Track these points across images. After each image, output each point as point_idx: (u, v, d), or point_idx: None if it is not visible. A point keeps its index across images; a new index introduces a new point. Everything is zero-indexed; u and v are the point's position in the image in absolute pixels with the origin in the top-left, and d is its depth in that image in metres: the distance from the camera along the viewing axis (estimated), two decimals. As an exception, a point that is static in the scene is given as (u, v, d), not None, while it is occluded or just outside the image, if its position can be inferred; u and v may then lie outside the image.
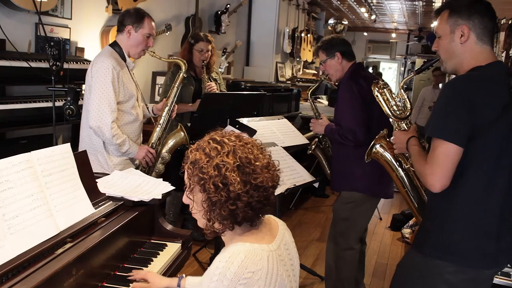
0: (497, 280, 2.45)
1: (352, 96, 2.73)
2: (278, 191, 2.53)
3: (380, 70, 13.68)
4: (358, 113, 2.70)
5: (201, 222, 1.32)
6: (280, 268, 1.24)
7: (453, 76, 1.84)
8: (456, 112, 1.60)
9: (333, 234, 2.96)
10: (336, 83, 2.98)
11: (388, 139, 2.21)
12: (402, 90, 2.10)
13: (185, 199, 1.33)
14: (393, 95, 2.15)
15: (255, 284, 1.16)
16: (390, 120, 2.13)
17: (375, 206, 2.99)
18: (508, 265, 2.50)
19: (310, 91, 3.21)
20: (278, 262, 1.24)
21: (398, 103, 2.12)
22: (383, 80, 2.30)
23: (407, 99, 2.09)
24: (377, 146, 2.22)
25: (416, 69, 2.11)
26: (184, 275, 1.68)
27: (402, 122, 2.03)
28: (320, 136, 3.17)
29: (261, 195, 1.24)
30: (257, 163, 1.25)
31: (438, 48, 1.80)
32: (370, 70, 12.49)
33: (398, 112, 2.08)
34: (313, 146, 3.20)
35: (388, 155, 2.19)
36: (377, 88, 2.17)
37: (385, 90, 2.16)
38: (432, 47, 1.86)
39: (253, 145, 1.30)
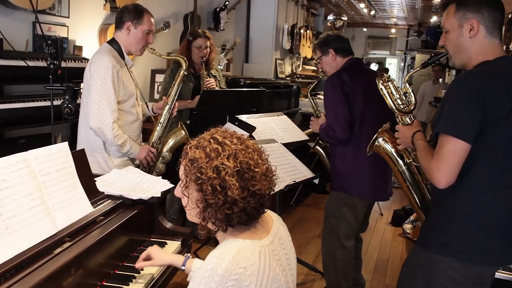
0: (500, 275, 2.43)
1: (333, 92, 2.69)
2: (277, 188, 2.52)
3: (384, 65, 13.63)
4: (338, 110, 2.66)
5: (193, 219, 1.32)
6: (273, 263, 1.23)
7: (453, 70, 1.81)
8: (466, 108, 1.57)
9: (324, 232, 2.96)
10: None
11: (390, 133, 2.19)
12: (407, 84, 2.07)
13: (178, 193, 1.31)
14: (397, 88, 2.12)
15: (247, 280, 1.15)
16: (395, 114, 2.10)
17: (365, 207, 2.89)
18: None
19: (310, 89, 3.20)
20: (271, 257, 1.23)
21: (402, 96, 2.09)
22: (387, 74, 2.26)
23: (411, 93, 2.06)
24: (380, 139, 2.19)
25: (422, 62, 2.08)
26: (190, 255, 1.67)
27: (406, 116, 2.01)
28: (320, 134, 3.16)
29: (257, 202, 1.24)
30: (256, 170, 1.24)
31: (446, 43, 1.76)
32: (374, 66, 12.45)
33: (402, 106, 2.04)
34: (314, 144, 3.19)
35: (390, 149, 2.17)
36: (381, 81, 2.12)
37: (389, 83, 2.11)
38: (439, 41, 1.81)
39: (254, 149, 1.28)
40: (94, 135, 2.59)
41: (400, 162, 2.13)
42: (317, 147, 3.25)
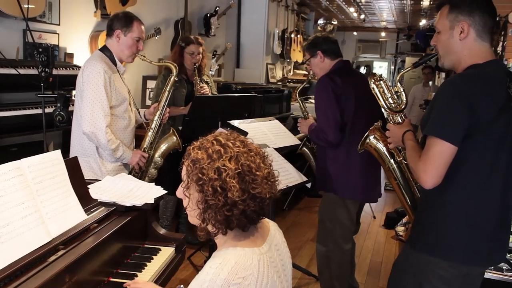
0: (490, 275, 2.46)
1: (325, 94, 2.69)
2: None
3: (372, 69, 13.73)
4: (330, 113, 2.67)
5: (194, 221, 1.32)
6: (271, 270, 1.24)
7: (443, 73, 1.84)
8: (453, 111, 1.60)
9: (319, 235, 2.96)
10: None
11: (381, 131, 2.20)
12: (399, 83, 2.09)
13: (180, 194, 1.31)
14: (389, 87, 2.13)
15: None
16: (385, 113, 2.11)
17: (356, 208, 2.90)
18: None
19: (298, 90, 3.21)
20: (269, 264, 1.24)
21: (394, 95, 2.11)
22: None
23: (403, 92, 2.08)
24: (371, 137, 2.21)
25: (413, 62, 2.10)
26: (182, 286, 1.66)
27: (397, 115, 2.03)
28: (309, 136, 3.17)
29: (257, 205, 1.23)
30: (258, 173, 1.24)
31: (437, 43, 1.78)
32: (363, 69, 12.53)
33: (393, 105, 2.07)
34: (301, 145, 3.20)
35: (381, 147, 2.19)
36: (373, 80, 2.14)
37: (381, 82, 2.13)
38: (431, 41, 1.84)
39: (257, 153, 1.28)
40: (87, 140, 2.61)
41: (391, 160, 2.16)
42: (304, 148, 3.26)
